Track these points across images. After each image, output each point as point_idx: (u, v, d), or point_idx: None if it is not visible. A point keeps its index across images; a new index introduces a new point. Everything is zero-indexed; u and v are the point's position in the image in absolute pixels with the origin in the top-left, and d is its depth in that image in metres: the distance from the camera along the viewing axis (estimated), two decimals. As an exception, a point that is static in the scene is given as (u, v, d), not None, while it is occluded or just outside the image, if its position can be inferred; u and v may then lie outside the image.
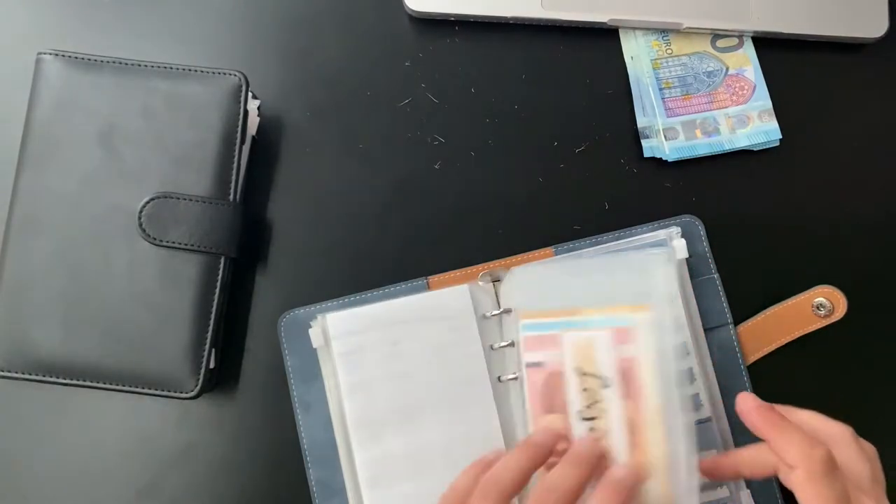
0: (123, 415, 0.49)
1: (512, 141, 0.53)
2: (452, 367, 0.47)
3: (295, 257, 0.51)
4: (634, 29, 0.54)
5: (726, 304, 0.49)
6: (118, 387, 0.46)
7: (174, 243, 0.47)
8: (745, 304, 0.50)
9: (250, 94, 0.49)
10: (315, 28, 0.54)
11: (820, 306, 0.49)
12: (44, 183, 0.47)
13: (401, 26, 0.54)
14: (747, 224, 0.51)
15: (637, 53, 0.54)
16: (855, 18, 0.53)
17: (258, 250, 0.51)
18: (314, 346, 0.47)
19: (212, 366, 0.47)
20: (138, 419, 0.49)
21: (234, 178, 0.48)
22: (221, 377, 0.50)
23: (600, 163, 0.52)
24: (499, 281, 0.48)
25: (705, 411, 0.47)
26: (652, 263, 0.44)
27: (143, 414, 0.49)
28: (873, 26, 0.53)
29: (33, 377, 0.46)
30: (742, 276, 0.50)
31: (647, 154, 0.52)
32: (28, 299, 0.46)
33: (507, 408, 0.46)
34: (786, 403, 0.48)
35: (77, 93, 0.48)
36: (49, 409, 0.50)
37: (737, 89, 0.53)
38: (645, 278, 0.43)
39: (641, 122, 0.52)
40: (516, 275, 0.47)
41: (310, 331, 0.47)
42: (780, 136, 0.52)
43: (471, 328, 0.47)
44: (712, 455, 0.44)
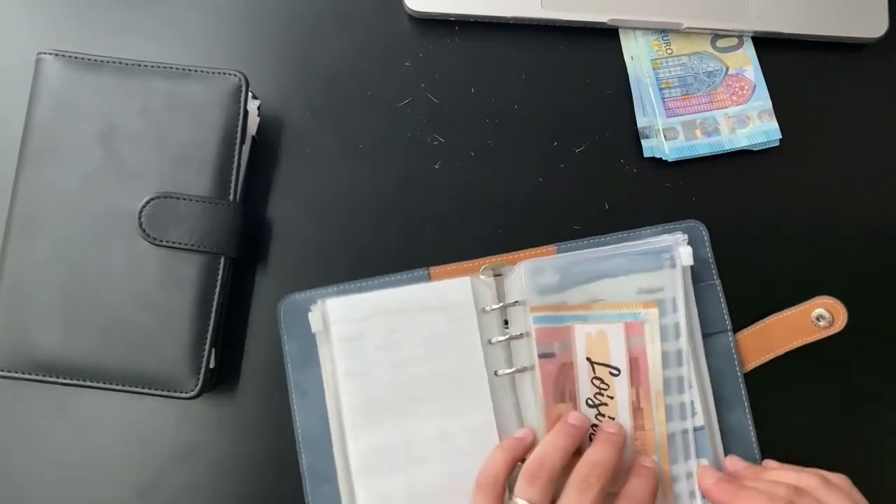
0: (123, 415, 0.49)
1: (512, 141, 0.53)
2: (450, 358, 0.47)
3: (295, 257, 0.51)
4: (634, 29, 0.54)
5: (726, 310, 0.49)
6: (118, 387, 0.46)
7: (174, 243, 0.47)
8: (744, 306, 0.49)
9: (250, 94, 0.49)
10: (315, 28, 0.54)
11: (820, 317, 0.49)
12: (44, 183, 0.47)
13: (401, 26, 0.54)
14: (747, 224, 0.51)
15: (637, 53, 0.54)
16: (855, 18, 0.53)
17: (258, 250, 0.51)
18: (313, 331, 0.47)
19: (212, 366, 0.47)
20: (138, 419, 0.49)
21: (234, 178, 0.48)
22: (221, 377, 0.50)
23: (600, 163, 0.52)
24: (500, 276, 0.48)
25: (699, 419, 0.46)
26: (661, 266, 0.47)
27: (143, 414, 0.50)
28: (873, 26, 0.53)
29: (33, 377, 0.46)
30: (741, 278, 0.50)
31: (646, 154, 0.52)
32: (28, 299, 0.46)
33: (502, 402, 0.47)
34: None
35: (77, 93, 0.48)
36: (49, 409, 0.50)
37: (737, 89, 0.53)
38: (654, 279, 0.47)
39: (641, 122, 0.52)
40: (526, 267, 0.47)
41: (309, 315, 0.47)
42: (780, 136, 0.52)
43: (470, 320, 0.47)
44: (705, 463, 0.46)
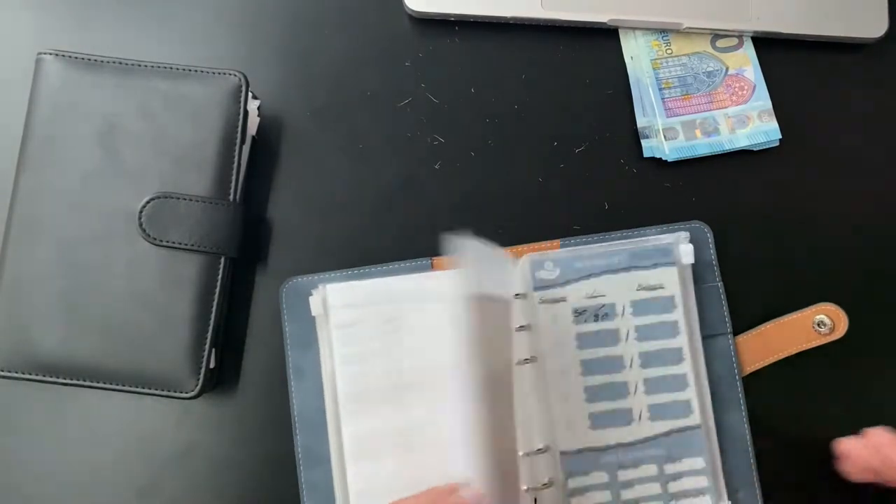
0: (123, 415, 0.49)
1: (512, 141, 0.53)
2: (446, 349, 0.47)
3: (295, 257, 0.51)
4: (634, 29, 0.54)
5: (727, 313, 0.49)
6: (118, 387, 0.46)
7: (174, 243, 0.47)
8: (744, 307, 0.49)
9: (250, 94, 0.49)
10: (315, 28, 0.54)
11: (821, 324, 0.49)
12: (44, 183, 0.47)
13: (401, 26, 0.54)
14: (747, 225, 0.51)
15: (637, 53, 0.54)
16: (855, 18, 0.52)
17: (258, 250, 0.51)
18: (313, 314, 0.48)
19: (212, 366, 0.47)
20: (138, 419, 0.49)
21: (234, 178, 0.48)
22: (221, 377, 0.50)
23: (600, 163, 0.52)
24: None
25: (695, 418, 0.47)
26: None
27: (143, 414, 0.50)
28: (873, 26, 0.53)
29: (33, 377, 0.46)
30: (741, 279, 0.50)
31: (646, 154, 0.52)
32: (28, 299, 0.46)
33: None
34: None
35: (77, 93, 0.48)
36: (49, 409, 0.50)
37: (736, 89, 0.53)
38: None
39: (641, 122, 0.52)
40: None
41: (310, 298, 0.48)
42: (780, 136, 0.52)
43: None
44: (697, 461, 0.46)
